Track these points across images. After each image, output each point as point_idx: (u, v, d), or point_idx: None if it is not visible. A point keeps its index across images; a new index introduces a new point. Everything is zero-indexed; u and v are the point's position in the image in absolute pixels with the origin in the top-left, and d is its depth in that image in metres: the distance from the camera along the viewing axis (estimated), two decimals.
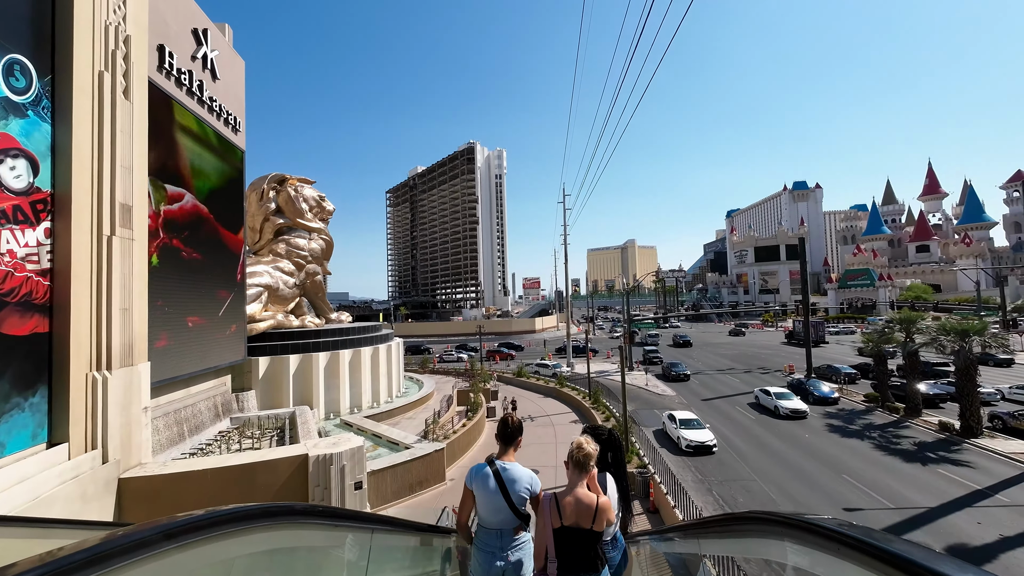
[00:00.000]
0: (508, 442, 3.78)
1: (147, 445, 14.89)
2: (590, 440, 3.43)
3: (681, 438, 22.31)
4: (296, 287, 31.61)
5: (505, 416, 3.85)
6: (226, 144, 21.59)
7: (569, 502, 3.32)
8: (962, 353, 21.69)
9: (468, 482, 3.77)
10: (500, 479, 3.59)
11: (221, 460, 14.39)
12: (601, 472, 3.77)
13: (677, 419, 23.98)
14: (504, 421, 3.80)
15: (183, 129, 18.37)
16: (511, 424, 3.78)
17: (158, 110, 16.63)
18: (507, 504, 3.55)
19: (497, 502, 3.56)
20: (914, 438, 22.86)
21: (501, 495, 3.56)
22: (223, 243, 21.34)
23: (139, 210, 14.78)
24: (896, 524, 14.73)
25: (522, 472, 3.69)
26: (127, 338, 13.90)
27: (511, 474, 3.63)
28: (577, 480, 3.38)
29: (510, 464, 3.71)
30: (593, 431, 3.89)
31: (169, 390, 17.77)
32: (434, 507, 16.43)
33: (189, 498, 13.62)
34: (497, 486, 3.58)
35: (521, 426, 3.84)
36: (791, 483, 18.37)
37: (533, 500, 3.65)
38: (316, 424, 23.79)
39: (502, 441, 3.80)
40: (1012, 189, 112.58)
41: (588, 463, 3.36)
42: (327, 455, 14.74)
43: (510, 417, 3.83)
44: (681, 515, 13.94)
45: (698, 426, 23.22)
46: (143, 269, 15.10)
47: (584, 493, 3.34)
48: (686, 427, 23.02)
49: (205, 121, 19.87)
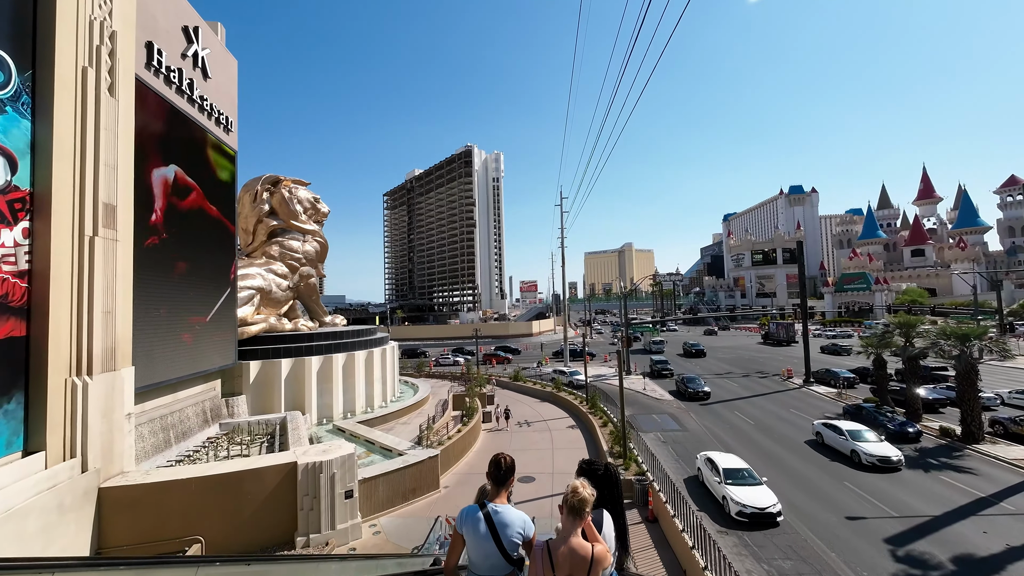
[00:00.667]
0: (500, 483, 3.62)
1: (130, 453, 14.40)
2: (586, 484, 3.23)
3: (730, 499, 15.70)
4: (290, 290, 31.16)
5: (497, 457, 3.68)
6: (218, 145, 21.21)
7: (563, 553, 3.09)
8: (963, 357, 21.47)
9: (458, 526, 3.60)
10: (491, 523, 3.43)
11: (205, 468, 13.92)
12: (598, 508, 3.55)
13: (720, 467, 17.15)
14: (496, 462, 3.65)
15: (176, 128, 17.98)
16: (504, 465, 3.63)
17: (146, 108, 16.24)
18: (498, 550, 3.38)
19: (488, 548, 3.40)
20: (915, 444, 22.58)
21: (492, 540, 3.39)
22: (213, 243, 20.92)
23: (124, 210, 14.36)
24: (900, 533, 14.40)
25: (514, 516, 3.52)
26: (110, 342, 13.44)
27: (503, 518, 3.46)
28: (571, 527, 3.15)
29: (502, 507, 3.53)
30: (589, 466, 3.81)
31: (155, 395, 17.29)
32: (427, 516, 16.00)
33: (172, 508, 13.14)
34: (488, 530, 3.41)
35: (514, 466, 3.70)
36: (791, 489, 18.01)
37: (526, 545, 3.49)
38: (308, 430, 23.30)
39: (494, 482, 3.63)
40: (1006, 194, 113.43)
41: (584, 509, 3.13)
42: (316, 463, 14.30)
43: (503, 458, 3.68)
44: (681, 525, 13.56)
45: (751, 480, 16.50)
46: (128, 271, 14.67)
47: (579, 543, 3.12)
48: (735, 481, 16.42)
49: (196, 121, 19.49)
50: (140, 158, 16.14)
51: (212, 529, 13.26)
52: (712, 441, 24.30)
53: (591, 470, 3.78)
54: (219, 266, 21.38)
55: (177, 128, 18.25)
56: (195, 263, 19.39)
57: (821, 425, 23.17)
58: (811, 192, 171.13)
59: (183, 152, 18.67)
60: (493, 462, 3.66)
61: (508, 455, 3.76)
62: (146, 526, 12.91)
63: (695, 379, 36.18)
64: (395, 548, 14.16)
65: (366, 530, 15.28)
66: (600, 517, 3.56)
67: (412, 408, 30.14)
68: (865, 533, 14.55)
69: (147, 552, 12.72)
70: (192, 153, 19.36)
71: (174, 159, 18.07)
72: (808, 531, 14.82)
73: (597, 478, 3.62)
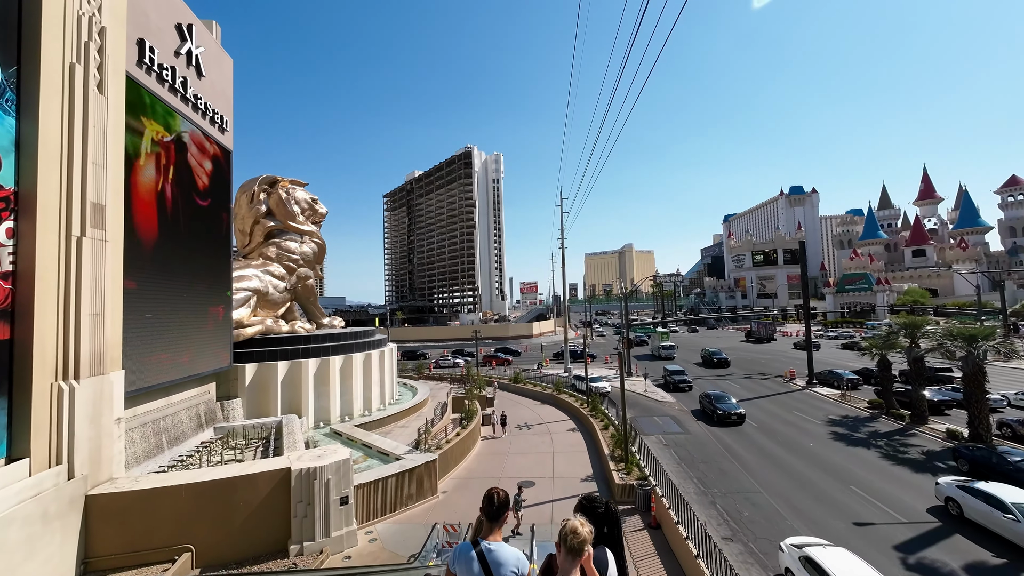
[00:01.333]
0: (494, 520, 3.54)
1: (119, 458, 14.05)
2: (585, 522, 3.06)
3: None
4: (287, 291, 30.82)
5: (491, 492, 3.59)
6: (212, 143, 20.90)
7: None
8: (971, 359, 21.10)
9: (451, 565, 3.52)
10: (485, 562, 3.34)
11: (197, 475, 13.56)
12: (599, 546, 3.31)
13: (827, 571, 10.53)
14: (489, 497, 3.55)
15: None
16: (497, 501, 3.54)
17: None
18: None
19: None
20: (922, 447, 22.20)
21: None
22: (207, 243, 20.59)
23: (114, 210, 14.03)
24: (909, 540, 14.03)
25: (508, 554, 3.38)
26: (98, 345, 13.10)
27: (497, 556, 3.36)
28: (570, 567, 2.94)
29: (496, 545, 3.44)
30: (589, 503, 3.59)
31: (147, 399, 16.94)
32: (425, 522, 15.65)
33: (162, 516, 12.77)
34: (481, 570, 3.32)
35: (508, 501, 3.62)
36: (797, 494, 17.66)
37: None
38: (305, 434, 22.95)
39: (487, 519, 3.54)
40: (1007, 194, 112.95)
41: (583, 549, 2.94)
42: (311, 468, 13.94)
43: (496, 493, 3.58)
44: (685, 532, 13.19)
45: None
46: (118, 272, 14.33)
47: None
48: None
49: (190, 120, 19.18)
50: (132, 157, 15.85)
51: (203, 537, 12.90)
52: (718, 447, 23.91)
53: (591, 507, 3.56)
54: (214, 266, 21.04)
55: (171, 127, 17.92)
56: (189, 264, 19.07)
57: (956, 488, 15.25)
58: (811, 193, 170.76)
59: (177, 152, 18.35)
60: (486, 498, 3.55)
61: (502, 490, 3.66)
62: (135, 535, 12.54)
63: (725, 397, 29.41)
64: (391, 556, 13.80)
65: (362, 537, 14.92)
66: (604, 556, 3.29)
67: (411, 411, 29.77)
68: (876, 539, 14.16)
69: (135, 562, 12.37)
70: (186, 152, 19.04)
71: (167, 159, 17.76)
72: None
73: (596, 516, 3.47)
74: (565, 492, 18.33)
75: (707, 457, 22.19)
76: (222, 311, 21.58)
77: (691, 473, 20.17)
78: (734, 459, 21.73)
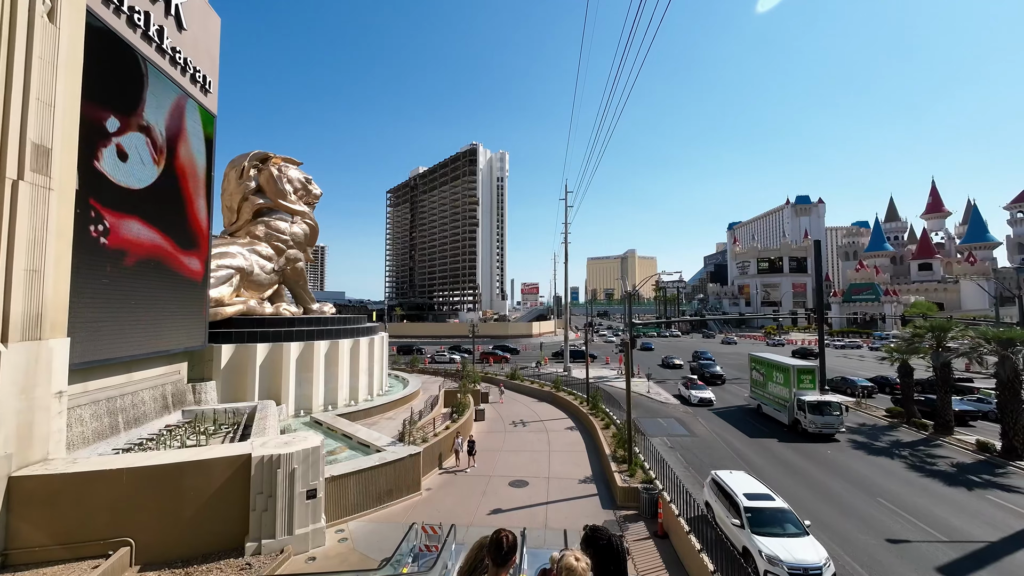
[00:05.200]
0: (500, 565, 3.27)
1: (60, 437, 12.39)
2: (581, 556, 2.87)
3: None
4: (274, 273, 29.21)
5: (499, 536, 3.31)
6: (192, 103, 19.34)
7: None
8: (1008, 363, 19.37)
9: None
10: None
11: (142, 458, 11.91)
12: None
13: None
14: (498, 541, 3.29)
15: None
16: (506, 545, 3.28)
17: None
18: None
19: None
20: (951, 458, 20.45)
21: None
22: (183, 210, 19.01)
23: (64, 155, 12.43)
24: (954, 561, 12.29)
25: None
26: (34, 306, 11.47)
27: None
28: None
29: None
30: (593, 533, 3.32)
31: (102, 374, 15.30)
32: (404, 522, 13.95)
33: (98, 504, 11.08)
34: None
35: (516, 545, 3.36)
36: (819, 505, 15.94)
37: None
38: (283, 422, 21.32)
39: (493, 563, 3.28)
40: (1016, 210, 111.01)
41: None
42: (274, 456, 12.27)
43: (505, 536, 3.32)
44: (699, 544, 11.47)
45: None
46: (66, 227, 12.70)
47: None
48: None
49: (166, 73, 17.62)
50: (95, 105, 14.29)
51: (146, 530, 11.24)
52: (725, 449, 22.18)
53: (594, 537, 3.26)
54: (190, 237, 19.45)
55: (141, 78, 16.36)
56: (162, 231, 17.47)
57: None
58: (818, 202, 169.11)
59: (149, 106, 16.79)
60: (494, 540, 3.30)
61: (511, 533, 3.37)
62: (66, 524, 10.89)
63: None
64: (361, 559, 12.11)
65: (331, 536, 13.23)
66: None
67: (400, 403, 28.08)
68: (913, 558, 12.44)
69: (64, 556, 10.70)
70: (160, 108, 17.48)
71: (137, 112, 16.20)
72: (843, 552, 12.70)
73: (599, 547, 3.19)
74: (562, 494, 16.63)
75: (716, 461, 20.47)
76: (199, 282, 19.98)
77: (700, 478, 18.41)
78: (746, 464, 20.01)
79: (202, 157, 20.46)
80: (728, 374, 44.08)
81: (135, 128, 16.22)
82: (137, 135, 16.33)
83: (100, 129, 14.81)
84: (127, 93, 15.87)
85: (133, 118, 16.11)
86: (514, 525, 13.27)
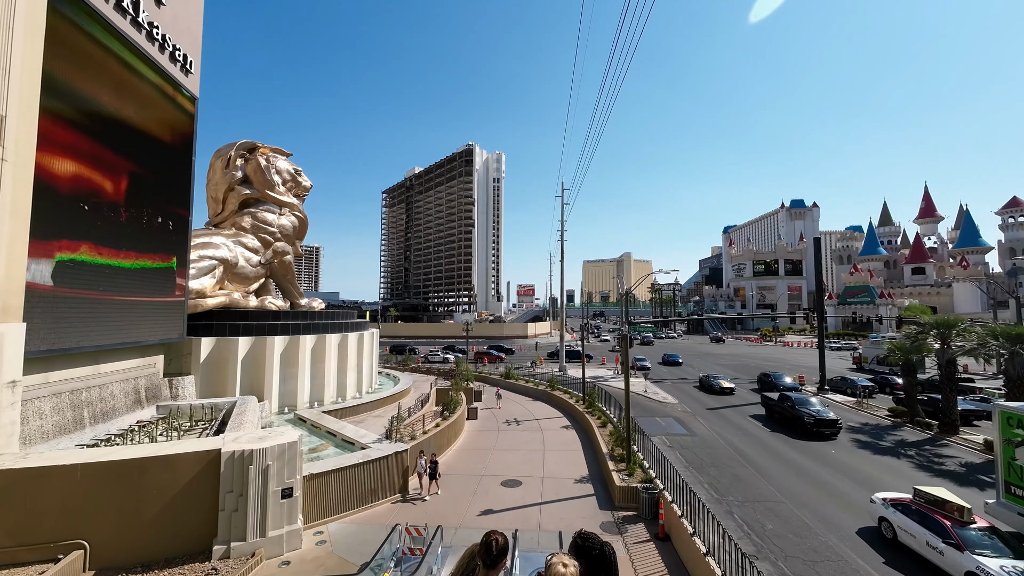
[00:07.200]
0: (491, 567, 3.19)
1: (12, 430, 11.40)
2: (570, 562, 2.79)
3: None
4: (261, 266, 28.22)
5: (489, 539, 3.21)
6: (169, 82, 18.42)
7: None
8: (1018, 360, 18.78)
9: None
10: None
11: (99, 454, 10.95)
12: None
13: None
14: (487, 544, 3.20)
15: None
16: (495, 548, 3.21)
17: None
18: None
19: None
20: (959, 458, 19.79)
21: None
22: (160, 195, 18.06)
23: (21, 126, 11.49)
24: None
25: None
26: None
27: None
28: None
29: None
30: (584, 541, 3.10)
31: (65, 365, 14.27)
32: (387, 523, 13.03)
33: (50, 502, 10.08)
34: None
35: (506, 548, 3.27)
36: (826, 505, 15.19)
37: None
38: (265, 418, 20.35)
39: (483, 566, 3.20)
40: (1008, 215, 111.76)
41: None
42: (247, 452, 11.34)
43: (495, 539, 3.22)
44: (704, 547, 10.66)
45: None
46: (23, 205, 11.74)
47: None
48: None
49: (140, 49, 16.70)
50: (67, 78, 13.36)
51: (102, 531, 10.28)
52: (726, 449, 21.40)
53: (585, 546, 3.04)
54: (166, 223, 18.48)
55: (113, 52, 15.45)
56: (134, 215, 16.53)
57: None
58: (812, 207, 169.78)
59: (122, 82, 15.87)
60: (484, 544, 3.23)
61: (501, 535, 3.27)
62: (13, 524, 9.91)
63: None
64: (339, 563, 11.18)
65: (308, 538, 12.30)
66: None
67: (389, 400, 27.14)
68: None
69: (9, 560, 9.71)
70: (134, 85, 16.56)
71: (108, 87, 15.27)
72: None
73: (591, 557, 2.99)
74: (557, 494, 15.76)
75: (717, 461, 19.70)
76: (176, 273, 19.00)
77: (701, 478, 17.66)
78: (748, 463, 19.25)
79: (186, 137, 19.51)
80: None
81: None
82: None
83: None
84: None
85: None
86: (506, 527, 12.41)
